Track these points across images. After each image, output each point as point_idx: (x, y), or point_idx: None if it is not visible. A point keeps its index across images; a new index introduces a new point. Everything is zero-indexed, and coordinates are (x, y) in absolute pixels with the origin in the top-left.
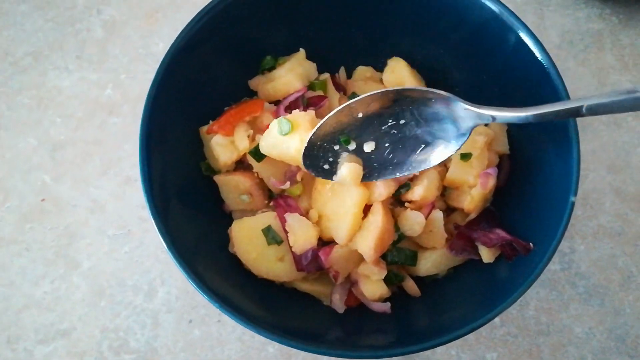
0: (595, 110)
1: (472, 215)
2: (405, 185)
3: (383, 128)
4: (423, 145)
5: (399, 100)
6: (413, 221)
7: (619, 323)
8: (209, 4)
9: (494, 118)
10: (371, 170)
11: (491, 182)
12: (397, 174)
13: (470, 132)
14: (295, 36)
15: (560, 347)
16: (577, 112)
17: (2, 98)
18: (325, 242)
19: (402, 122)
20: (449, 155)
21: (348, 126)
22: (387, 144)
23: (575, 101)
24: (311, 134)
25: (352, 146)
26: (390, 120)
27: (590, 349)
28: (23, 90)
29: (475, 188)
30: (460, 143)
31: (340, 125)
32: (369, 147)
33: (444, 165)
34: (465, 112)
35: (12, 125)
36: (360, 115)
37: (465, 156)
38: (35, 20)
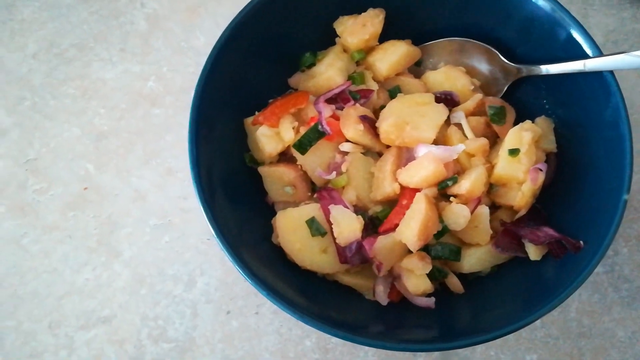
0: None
1: (522, 212)
2: (452, 178)
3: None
4: None
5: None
6: (458, 214)
7: None
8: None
9: (528, 70)
10: None
11: (541, 178)
12: None
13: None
14: (331, 29)
15: (602, 350)
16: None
17: (47, 88)
18: (367, 234)
19: None
20: None
21: None
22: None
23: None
24: None
25: None
26: None
27: (633, 354)
28: (68, 81)
29: (525, 184)
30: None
31: None
32: None
33: (490, 162)
34: (504, 67)
35: (57, 115)
36: None
37: (514, 152)
38: (80, 13)
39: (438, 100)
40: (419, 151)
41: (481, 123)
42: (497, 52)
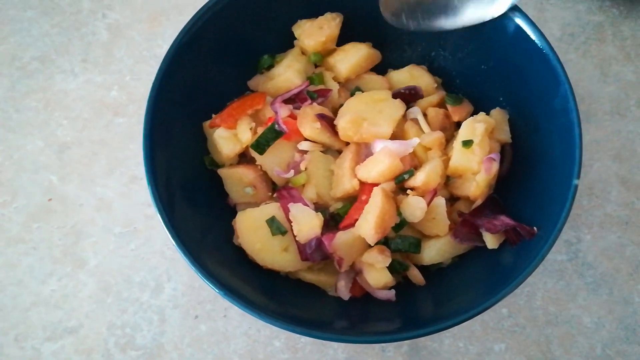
0: None
1: (478, 202)
2: (409, 172)
3: None
4: None
5: None
6: (415, 206)
7: (629, 312)
8: (207, 3)
9: None
10: (446, 11)
11: (495, 167)
12: (470, 18)
13: None
14: (290, 33)
15: (569, 337)
16: None
17: (10, 102)
18: (329, 231)
19: None
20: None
21: None
22: None
23: None
24: None
25: None
26: None
27: (600, 339)
28: (30, 94)
29: (479, 174)
30: None
31: None
32: None
33: (447, 154)
34: None
35: (20, 128)
36: None
37: (467, 143)
38: (42, 26)
39: (402, 95)
40: (375, 147)
41: (440, 114)
42: None
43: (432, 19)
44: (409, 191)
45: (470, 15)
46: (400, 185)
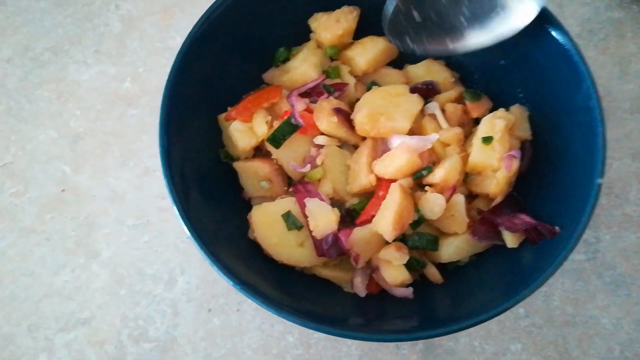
0: None
1: (498, 200)
2: (427, 168)
3: None
4: (501, 13)
5: None
6: (433, 203)
7: None
8: None
9: None
10: (452, 36)
11: (515, 164)
12: (474, 43)
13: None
14: (306, 26)
15: (586, 338)
16: None
17: (23, 92)
18: (345, 227)
19: None
20: (525, 23)
21: None
22: (464, 10)
23: None
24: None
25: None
26: None
27: (618, 341)
28: (43, 84)
29: (499, 171)
30: (536, 9)
31: None
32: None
33: (466, 151)
34: None
35: (33, 118)
36: None
37: (487, 139)
38: (55, 16)
39: (419, 90)
40: (393, 142)
41: (458, 109)
42: None
43: (438, 42)
44: (427, 188)
45: (475, 39)
46: (418, 181)
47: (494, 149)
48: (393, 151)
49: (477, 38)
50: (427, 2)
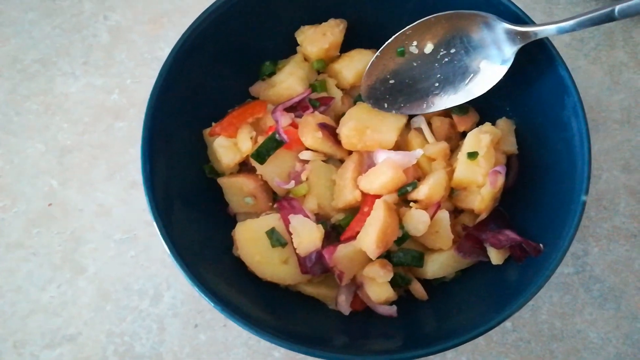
0: (626, 12)
1: (483, 216)
2: (412, 184)
3: (436, 57)
4: (471, 75)
5: (448, 28)
6: (417, 220)
7: (636, 328)
8: (209, 8)
9: (535, 34)
10: (426, 99)
11: (500, 180)
12: (447, 103)
13: (514, 57)
14: (292, 39)
15: (574, 352)
16: (610, 16)
17: (11, 104)
18: (330, 243)
19: (452, 51)
20: (494, 83)
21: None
22: (438, 75)
23: (606, 7)
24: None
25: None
26: (442, 50)
27: (606, 355)
28: (31, 97)
29: (484, 187)
30: (505, 69)
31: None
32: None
33: (452, 165)
34: (508, 33)
35: (20, 131)
36: (415, 44)
37: (472, 155)
38: (43, 28)
39: None
40: (378, 157)
41: (445, 123)
42: (495, 17)
43: (413, 104)
44: (412, 204)
45: (448, 100)
46: (403, 197)
47: (479, 164)
48: (378, 167)
49: (450, 99)
50: (402, 69)
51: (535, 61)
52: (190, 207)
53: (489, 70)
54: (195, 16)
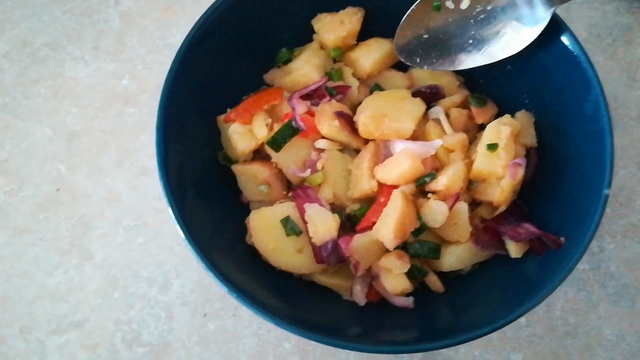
0: None
1: (502, 208)
2: (430, 174)
3: (472, 13)
4: (505, 34)
5: None
6: (436, 211)
7: None
8: None
9: None
10: (458, 56)
11: (520, 173)
12: (479, 61)
13: (547, 20)
14: (309, 26)
15: (588, 349)
16: None
17: (19, 88)
18: (345, 233)
19: (488, 7)
20: (527, 43)
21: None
22: (472, 32)
23: None
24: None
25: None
26: (478, 6)
27: (620, 352)
28: (40, 81)
29: (504, 179)
30: (538, 31)
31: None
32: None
33: (470, 157)
34: None
35: (29, 115)
36: None
37: (492, 147)
38: (53, 11)
39: (422, 94)
40: (395, 147)
41: (463, 115)
42: None
43: (445, 60)
44: (429, 195)
45: (478, 59)
46: (420, 188)
47: (499, 156)
48: (396, 157)
49: (482, 58)
50: (436, 25)
51: (557, 53)
52: (203, 195)
53: (520, 31)
54: (207, 3)
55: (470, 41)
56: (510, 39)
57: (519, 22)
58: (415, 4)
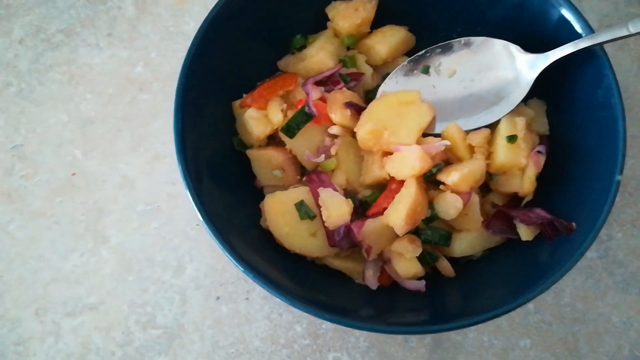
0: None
1: (529, 197)
2: (437, 166)
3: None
4: (492, 101)
5: (474, 54)
6: (450, 204)
7: None
8: None
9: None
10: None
11: (542, 160)
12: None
13: (530, 86)
14: (323, 14)
15: (596, 336)
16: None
17: (34, 74)
18: (357, 218)
19: (473, 79)
20: (511, 109)
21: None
22: (458, 101)
23: (618, 25)
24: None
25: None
26: (465, 77)
27: (628, 339)
28: (54, 67)
29: (529, 168)
30: (521, 96)
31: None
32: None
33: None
34: (523, 60)
35: (44, 101)
36: (438, 64)
37: (512, 138)
38: None
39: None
40: None
41: None
42: (515, 46)
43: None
44: (442, 186)
45: (464, 126)
46: (428, 179)
47: (519, 147)
48: (405, 154)
49: (469, 123)
50: (423, 86)
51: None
52: (219, 179)
53: (505, 98)
54: None
55: (458, 108)
56: (500, 103)
57: (507, 88)
58: (407, 60)
